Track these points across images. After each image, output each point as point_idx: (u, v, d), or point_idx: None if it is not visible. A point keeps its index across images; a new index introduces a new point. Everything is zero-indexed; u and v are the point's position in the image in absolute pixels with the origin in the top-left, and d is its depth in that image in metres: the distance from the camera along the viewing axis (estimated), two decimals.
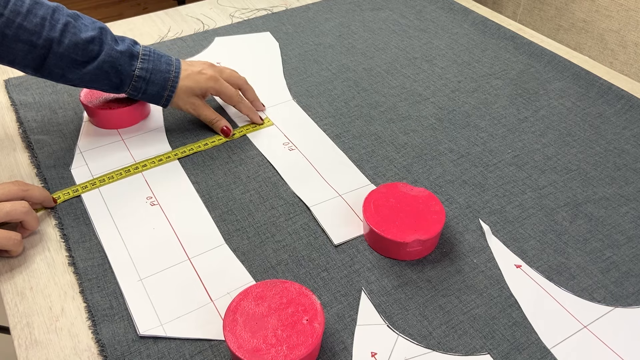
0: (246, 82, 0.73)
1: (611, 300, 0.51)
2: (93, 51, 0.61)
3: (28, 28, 0.58)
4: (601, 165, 0.66)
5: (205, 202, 0.61)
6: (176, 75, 0.66)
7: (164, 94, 0.66)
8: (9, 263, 0.55)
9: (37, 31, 0.59)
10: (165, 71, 0.66)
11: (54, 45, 0.59)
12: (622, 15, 1.25)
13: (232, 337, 0.43)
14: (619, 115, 0.73)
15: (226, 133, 0.69)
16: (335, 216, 0.59)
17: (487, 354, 0.47)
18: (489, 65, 0.83)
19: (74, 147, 0.68)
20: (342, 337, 0.48)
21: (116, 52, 0.62)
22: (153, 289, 0.52)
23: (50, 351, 0.47)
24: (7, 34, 0.58)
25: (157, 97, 0.67)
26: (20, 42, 0.58)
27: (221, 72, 0.71)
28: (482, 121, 0.72)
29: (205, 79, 0.68)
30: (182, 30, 0.93)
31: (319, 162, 0.66)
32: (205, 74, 0.68)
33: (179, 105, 0.68)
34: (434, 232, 0.53)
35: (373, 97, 0.77)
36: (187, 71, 0.68)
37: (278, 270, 0.54)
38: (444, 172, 0.65)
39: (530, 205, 0.61)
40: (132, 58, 0.64)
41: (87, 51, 0.61)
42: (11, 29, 0.58)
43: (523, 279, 0.53)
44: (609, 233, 0.57)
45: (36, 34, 0.59)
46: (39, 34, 0.59)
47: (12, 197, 0.54)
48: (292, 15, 0.97)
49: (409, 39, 0.90)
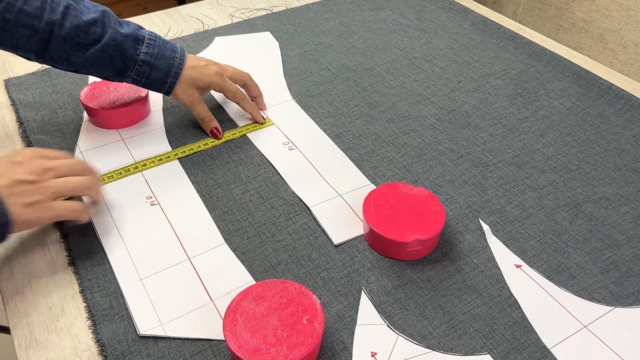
0: (250, 78, 0.73)
1: (611, 300, 0.51)
2: (96, 33, 0.61)
3: (29, 12, 0.58)
4: (601, 165, 0.66)
5: (205, 202, 0.61)
6: (180, 62, 0.66)
7: (167, 80, 0.65)
8: (9, 263, 0.55)
9: (38, 15, 0.58)
10: (170, 57, 0.65)
11: (55, 28, 0.59)
12: (622, 15, 1.25)
13: (232, 337, 0.43)
14: (619, 115, 0.73)
15: (215, 135, 0.69)
16: (335, 216, 0.59)
17: (487, 354, 0.47)
18: (489, 65, 0.83)
19: (74, 147, 0.68)
20: (342, 337, 0.48)
21: (121, 35, 0.62)
22: (153, 289, 0.52)
23: (50, 351, 0.47)
24: (8, 18, 0.58)
25: (159, 84, 0.66)
26: (21, 27, 0.58)
27: (225, 69, 0.71)
28: (482, 121, 0.72)
29: (211, 74, 0.68)
30: (182, 30, 0.93)
31: (319, 162, 0.66)
32: (211, 68, 0.68)
33: (177, 95, 0.67)
34: (434, 232, 0.53)
35: (373, 97, 0.77)
36: (194, 62, 0.67)
37: (278, 270, 0.54)
38: (444, 172, 0.65)
39: (530, 205, 0.61)
40: (137, 42, 0.63)
41: (89, 33, 0.60)
42: (12, 14, 0.58)
43: (523, 279, 0.53)
44: (609, 233, 0.57)
45: (37, 17, 0.58)
46: (39, 18, 0.58)
47: (77, 172, 0.54)
48: (292, 15, 0.97)
49: (409, 38, 0.90)
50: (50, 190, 0.50)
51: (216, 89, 0.69)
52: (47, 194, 0.50)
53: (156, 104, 0.76)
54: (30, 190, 0.48)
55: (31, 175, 0.49)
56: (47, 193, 0.50)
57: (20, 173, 0.49)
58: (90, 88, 0.72)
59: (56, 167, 0.52)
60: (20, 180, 0.48)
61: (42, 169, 0.50)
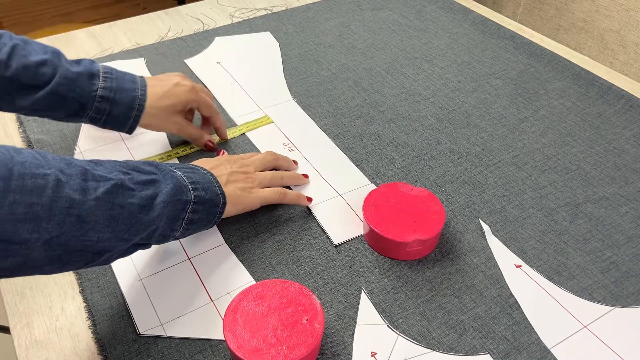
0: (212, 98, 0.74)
1: (611, 300, 0.51)
2: (46, 75, 0.56)
3: None
4: (601, 165, 0.66)
5: None
6: (143, 92, 0.60)
7: (131, 115, 0.60)
8: None
9: None
10: (131, 89, 0.60)
11: (0, 68, 0.55)
12: (622, 15, 1.25)
13: (232, 337, 0.43)
14: (619, 115, 0.73)
15: (210, 148, 0.67)
16: (335, 216, 0.59)
17: (487, 354, 0.47)
18: (489, 65, 0.83)
19: (74, 147, 0.68)
20: (342, 337, 0.48)
21: (72, 73, 0.57)
22: (153, 289, 0.52)
23: (50, 351, 0.47)
24: None
25: (122, 120, 0.60)
26: None
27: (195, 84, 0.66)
28: (482, 121, 0.72)
29: (185, 92, 0.63)
30: (182, 30, 0.93)
31: (319, 162, 0.66)
32: (184, 85, 0.63)
33: (160, 128, 0.63)
34: (434, 232, 0.53)
35: (373, 97, 0.77)
36: (162, 87, 0.62)
37: (278, 270, 0.54)
38: (444, 172, 0.65)
39: (530, 205, 0.61)
40: (92, 77, 0.58)
41: (38, 75, 0.56)
42: None
43: (523, 279, 0.53)
44: (609, 233, 0.57)
45: None
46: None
47: (267, 166, 0.61)
48: (292, 15, 0.97)
49: (409, 38, 0.90)
50: (257, 180, 0.58)
51: (193, 106, 0.65)
52: (255, 182, 0.57)
53: None
54: (243, 178, 0.56)
55: (241, 168, 0.58)
56: (255, 182, 0.57)
57: (232, 167, 0.57)
58: None
59: (256, 162, 0.60)
60: (234, 171, 0.56)
61: (247, 164, 0.59)
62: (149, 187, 0.45)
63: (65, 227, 0.39)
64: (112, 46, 0.87)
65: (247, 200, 0.55)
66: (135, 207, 0.43)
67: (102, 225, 0.41)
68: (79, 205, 0.39)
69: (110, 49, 0.87)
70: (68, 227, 0.39)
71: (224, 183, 0.54)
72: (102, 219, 0.41)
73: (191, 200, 0.48)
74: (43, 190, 0.38)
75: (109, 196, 0.41)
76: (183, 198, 0.47)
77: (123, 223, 0.43)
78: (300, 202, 0.60)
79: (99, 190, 0.41)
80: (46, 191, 0.38)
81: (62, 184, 0.39)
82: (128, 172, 0.45)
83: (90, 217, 0.40)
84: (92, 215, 0.40)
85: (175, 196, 0.47)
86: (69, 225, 0.39)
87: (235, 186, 0.55)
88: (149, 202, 0.44)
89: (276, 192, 0.58)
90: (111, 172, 0.43)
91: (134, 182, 0.44)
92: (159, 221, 0.45)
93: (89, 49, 0.87)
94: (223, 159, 0.58)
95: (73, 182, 0.40)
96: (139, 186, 0.44)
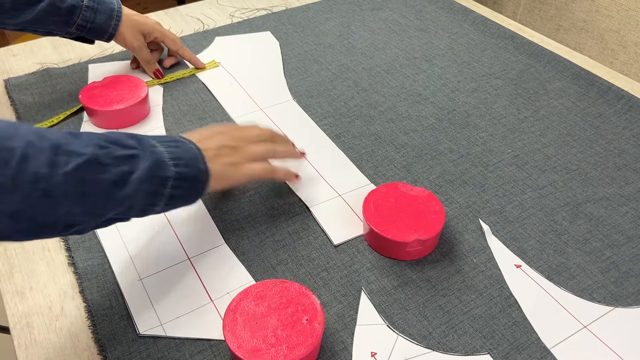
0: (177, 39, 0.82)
1: (611, 300, 0.51)
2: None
3: None
4: (601, 165, 0.66)
5: (205, 202, 0.61)
6: (119, 6, 0.74)
7: (111, 23, 0.73)
8: (9, 263, 0.55)
9: None
10: (110, 2, 0.73)
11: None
12: (622, 15, 1.25)
13: (232, 337, 0.43)
14: (619, 115, 0.73)
15: (157, 76, 0.80)
16: (335, 216, 0.59)
17: (487, 354, 0.47)
18: (489, 65, 0.83)
19: None
20: (342, 337, 0.48)
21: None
22: (153, 289, 0.52)
23: (50, 351, 0.47)
24: None
25: (104, 27, 0.73)
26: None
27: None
28: (482, 121, 0.72)
29: (153, 22, 0.78)
30: (182, 30, 0.93)
31: (318, 162, 0.66)
32: (151, 18, 0.78)
33: (126, 39, 0.76)
34: (434, 232, 0.53)
35: (373, 97, 0.77)
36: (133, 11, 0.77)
37: (278, 270, 0.54)
38: (444, 172, 0.65)
39: (530, 205, 0.61)
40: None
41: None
42: None
43: (523, 279, 0.53)
44: (609, 233, 0.57)
45: None
46: None
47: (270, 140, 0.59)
48: (292, 15, 0.97)
49: (409, 39, 0.90)
50: (248, 154, 0.56)
51: (157, 36, 0.79)
52: (245, 157, 0.55)
53: (156, 103, 0.76)
54: (231, 152, 0.54)
55: (232, 141, 0.55)
56: (245, 156, 0.55)
57: (223, 139, 0.55)
58: (90, 88, 0.72)
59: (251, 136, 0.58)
60: (224, 145, 0.54)
61: (240, 137, 0.57)
62: (126, 163, 0.44)
63: (31, 200, 0.38)
64: (112, 46, 0.87)
65: (234, 176, 0.54)
66: (109, 183, 0.43)
67: (71, 200, 0.40)
68: (45, 180, 0.39)
69: (110, 48, 0.87)
70: (34, 200, 0.39)
71: (210, 158, 0.52)
72: (71, 194, 0.40)
73: (172, 176, 0.47)
74: (7, 163, 0.37)
75: (78, 172, 0.41)
76: (162, 174, 0.46)
77: (95, 199, 0.42)
78: (289, 179, 0.60)
79: (69, 165, 0.40)
80: (10, 164, 0.38)
81: (29, 157, 0.39)
82: (106, 146, 0.44)
83: (57, 192, 0.40)
84: (60, 190, 0.40)
85: (154, 172, 0.45)
86: (35, 199, 0.39)
87: (222, 161, 0.53)
88: (124, 178, 0.43)
89: (265, 168, 0.57)
90: (87, 147, 0.42)
91: (110, 157, 0.43)
92: (135, 197, 0.44)
93: (89, 48, 0.87)
94: (216, 130, 0.57)
95: (42, 156, 0.39)
96: (115, 161, 0.43)
